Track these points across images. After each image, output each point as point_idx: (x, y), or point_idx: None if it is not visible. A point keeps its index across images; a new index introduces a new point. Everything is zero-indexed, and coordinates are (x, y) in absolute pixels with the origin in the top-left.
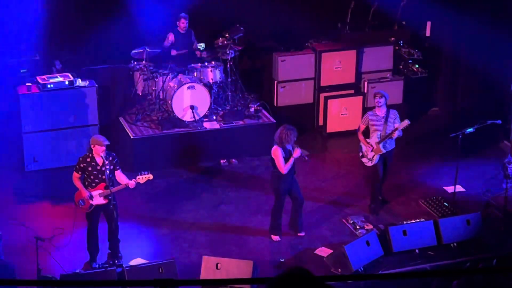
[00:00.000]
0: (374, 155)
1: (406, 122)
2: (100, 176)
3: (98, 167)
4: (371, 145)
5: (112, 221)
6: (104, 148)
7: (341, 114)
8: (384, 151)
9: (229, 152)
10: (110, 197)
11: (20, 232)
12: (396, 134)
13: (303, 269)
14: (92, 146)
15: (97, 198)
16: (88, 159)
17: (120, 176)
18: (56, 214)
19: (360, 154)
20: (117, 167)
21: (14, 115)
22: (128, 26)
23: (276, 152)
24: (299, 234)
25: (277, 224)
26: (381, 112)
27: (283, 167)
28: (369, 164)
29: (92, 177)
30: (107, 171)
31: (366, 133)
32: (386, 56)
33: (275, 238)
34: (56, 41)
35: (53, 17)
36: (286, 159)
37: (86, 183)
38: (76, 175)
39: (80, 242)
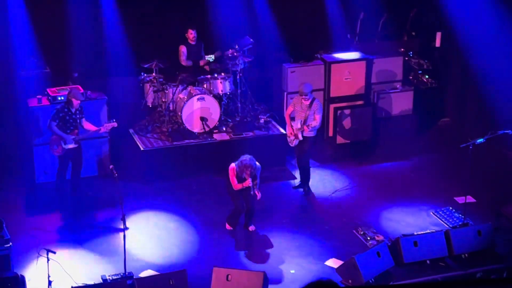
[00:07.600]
0: (294, 139)
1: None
2: (73, 123)
3: (74, 116)
4: (293, 130)
5: (80, 161)
6: (79, 102)
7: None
8: (301, 138)
9: None
10: (79, 142)
11: (30, 244)
12: (306, 131)
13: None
14: (71, 98)
15: (71, 142)
16: (66, 109)
17: (87, 124)
18: (67, 226)
19: (284, 132)
20: (83, 116)
21: (25, 127)
22: (139, 38)
23: (230, 172)
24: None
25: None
26: (306, 101)
27: (235, 185)
28: (290, 144)
29: (67, 124)
30: (78, 119)
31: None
32: (395, 67)
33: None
34: (67, 54)
35: (63, 30)
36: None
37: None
38: (54, 124)
39: (91, 254)
